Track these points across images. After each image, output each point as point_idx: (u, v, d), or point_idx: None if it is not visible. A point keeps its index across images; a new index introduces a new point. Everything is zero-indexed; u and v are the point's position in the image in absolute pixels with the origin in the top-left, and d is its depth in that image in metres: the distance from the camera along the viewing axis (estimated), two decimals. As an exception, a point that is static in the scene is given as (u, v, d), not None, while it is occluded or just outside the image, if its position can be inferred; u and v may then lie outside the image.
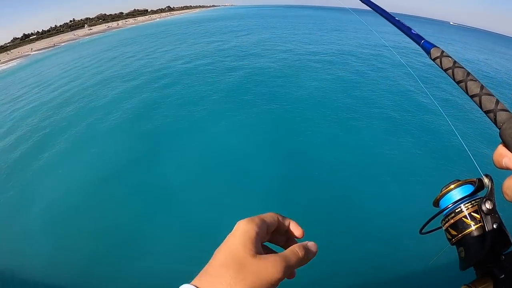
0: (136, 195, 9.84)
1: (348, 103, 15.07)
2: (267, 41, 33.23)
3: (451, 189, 0.67)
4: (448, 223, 0.66)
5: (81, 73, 29.35)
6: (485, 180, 0.61)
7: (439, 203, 0.71)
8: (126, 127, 14.58)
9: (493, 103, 0.49)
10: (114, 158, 11.93)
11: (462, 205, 0.65)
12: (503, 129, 0.45)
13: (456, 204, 0.66)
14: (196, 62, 24.66)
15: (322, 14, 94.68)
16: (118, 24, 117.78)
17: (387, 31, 17.76)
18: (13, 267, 7.99)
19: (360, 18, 1.82)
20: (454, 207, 0.66)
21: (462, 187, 0.67)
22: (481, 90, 0.51)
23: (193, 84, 19.25)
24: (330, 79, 18.87)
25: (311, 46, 29.61)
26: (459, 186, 0.67)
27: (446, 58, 0.60)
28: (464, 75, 0.55)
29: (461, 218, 0.63)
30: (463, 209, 0.64)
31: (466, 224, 0.62)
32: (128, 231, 8.45)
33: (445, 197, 0.69)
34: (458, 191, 0.67)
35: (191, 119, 14.20)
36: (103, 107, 17.77)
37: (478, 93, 0.51)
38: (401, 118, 13.75)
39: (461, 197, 0.65)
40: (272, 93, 16.48)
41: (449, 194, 0.68)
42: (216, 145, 11.97)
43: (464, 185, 0.67)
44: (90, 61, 36.01)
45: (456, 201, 0.66)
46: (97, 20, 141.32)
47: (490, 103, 0.49)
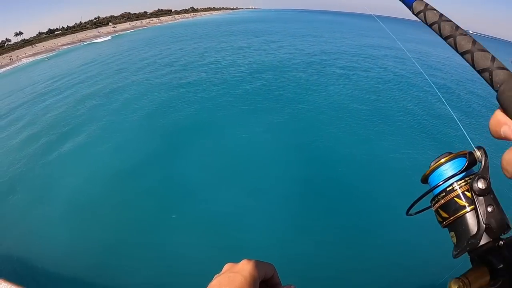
0: (156, 190, 9.99)
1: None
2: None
3: (441, 164, 0.58)
4: (438, 204, 0.57)
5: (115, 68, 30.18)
6: (477, 153, 0.53)
7: (428, 179, 0.61)
8: (151, 122, 14.86)
9: (488, 60, 0.42)
10: (137, 152, 12.26)
11: (455, 183, 0.55)
12: (501, 91, 0.38)
13: (448, 182, 0.56)
14: (230, 68, 24.70)
15: (343, 20, 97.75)
16: (142, 23, 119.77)
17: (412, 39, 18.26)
18: (33, 250, 8.30)
19: (384, 25, 1.50)
20: (445, 185, 0.57)
21: (454, 160, 0.57)
22: (473, 45, 0.44)
23: (223, 86, 19.62)
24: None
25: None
26: (451, 159, 0.58)
27: (431, 12, 0.51)
28: (452, 29, 0.47)
29: (453, 198, 0.55)
30: (456, 187, 0.55)
31: (459, 205, 0.54)
32: (146, 224, 8.60)
33: (434, 173, 0.59)
34: (449, 166, 0.57)
35: (217, 120, 14.53)
36: (130, 102, 18.60)
37: (469, 49, 0.44)
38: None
39: (453, 173, 0.56)
40: (297, 98, 16.45)
41: (439, 169, 0.58)
42: (238, 146, 12.11)
43: (456, 158, 0.57)
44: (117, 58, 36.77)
45: (447, 178, 0.56)
46: (121, 19, 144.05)
47: (485, 60, 0.42)
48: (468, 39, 0.45)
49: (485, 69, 0.41)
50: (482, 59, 0.42)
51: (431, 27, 0.51)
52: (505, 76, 0.39)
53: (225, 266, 0.67)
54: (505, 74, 0.39)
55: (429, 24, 0.51)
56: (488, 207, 0.50)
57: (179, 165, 11.22)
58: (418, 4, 0.54)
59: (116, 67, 30.31)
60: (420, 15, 0.53)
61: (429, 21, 0.51)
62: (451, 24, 0.48)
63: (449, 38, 0.47)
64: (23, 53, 74.26)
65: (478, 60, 0.42)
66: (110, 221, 8.96)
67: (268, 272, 0.67)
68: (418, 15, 0.54)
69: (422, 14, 0.52)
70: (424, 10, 0.53)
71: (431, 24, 0.51)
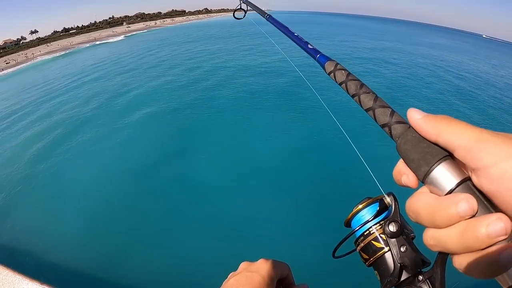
0: (170, 189, 10.05)
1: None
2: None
3: (359, 210, 0.61)
4: (359, 246, 0.61)
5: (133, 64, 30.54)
6: (387, 199, 0.57)
7: (350, 223, 0.64)
8: (165, 121, 14.88)
9: (387, 115, 0.45)
10: (153, 151, 12.26)
11: (372, 227, 0.59)
12: (398, 144, 0.42)
13: (365, 226, 0.60)
14: (245, 71, 23.73)
15: (357, 23, 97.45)
16: (156, 23, 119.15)
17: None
18: (46, 243, 8.37)
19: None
20: (363, 229, 0.60)
21: (371, 206, 0.61)
22: (375, 102, 0.48)
23: (239, 89, 19.10)
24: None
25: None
26: (368, 205, 0.61)
27: (339, 72, 0.58)
28: (357, 88, 0.52)
29: (370, 241, 0.58)
30: (373, 231, 0.58)
31: (376, 247, 0.57)
32: (159, 222, 8.67)
33: (355, 218, 0.63)
34: (367, 211, 0.61)
35: (231, 122, 14.26)
36: (146, 99, 18.60)
37: (371, 106, 0.48)
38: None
39: (369, 218, 0.59)
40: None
41: (358, 214, 0.62)
42: (252, 149, 11.99)
43: (373, 204, 0.61)
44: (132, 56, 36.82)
45: (364, 222, 0.60)
46: (136, 19, 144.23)
47: (385, 116, 0.45)
48: (370, 97, 0.49)
49: (385, 124, 0.45)
50: (382, 115, 0.46)
51: (340, 85, 0.56)
52: (402, 130, 0.42)
53: (242, 265, 0.66)
54: (402, 128, 0.43)
55: (339, 83, 0.56)
56: (401, 247, 0.53)
57: (193, 164, 11.20)
58: (330, 64, 0.61)
59: (129, 66, 30.16)
60: (331, 75, 0.59)
61: (338, 81, 0.57)
62: (356, 83, 0.52)
63: (355, 96, 0.51)
64: (38, 51, 74.03)
65: (379, 116, 0.46)
66: (122, 217, 8.96)
67: (283, 272, 0.67)
68: (330, 74, 0.60)
69: (333, 74, 0.59)
70: (334, 70, 0.59)
71: (340, 83, 0.56)
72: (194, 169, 10.92)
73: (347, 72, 0.56)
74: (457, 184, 0.35)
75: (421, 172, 0.38)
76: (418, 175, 0.38)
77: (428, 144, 0.38)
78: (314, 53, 0.70)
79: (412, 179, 0.40)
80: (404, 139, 0.41)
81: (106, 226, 8.68)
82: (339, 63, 0.60)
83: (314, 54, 0.70)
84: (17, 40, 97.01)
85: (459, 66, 30.92)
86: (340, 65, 0.59)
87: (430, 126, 0.38)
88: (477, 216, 0.32)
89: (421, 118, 0.39)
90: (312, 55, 0.71)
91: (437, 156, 0.37)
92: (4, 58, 70.74)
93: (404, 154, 0.40)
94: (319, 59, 0.67)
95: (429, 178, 0.37)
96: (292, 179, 10.04)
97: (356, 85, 0.52)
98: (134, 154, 12.27)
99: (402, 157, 0.41)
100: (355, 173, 9.08)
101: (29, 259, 7.94)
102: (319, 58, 0.67)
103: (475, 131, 0.34)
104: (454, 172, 0.35)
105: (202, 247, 7.66)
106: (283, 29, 0.98)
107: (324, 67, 0.62)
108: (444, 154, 0.37)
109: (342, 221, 0.62)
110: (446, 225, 0.34)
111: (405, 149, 0.40)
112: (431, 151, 0.37)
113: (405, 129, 0.42)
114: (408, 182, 0.40)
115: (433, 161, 0.37)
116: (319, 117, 13.17)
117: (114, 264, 7.50)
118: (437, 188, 0.36)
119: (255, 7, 1.61)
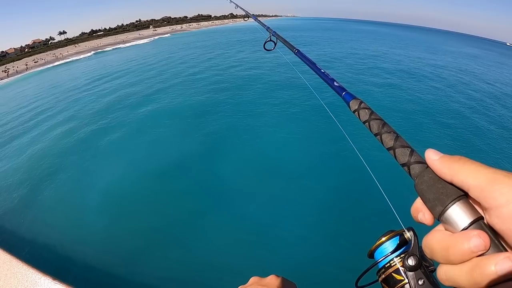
0: (192, 190, 10.11)
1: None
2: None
3: (382, 242, 0.64)
4: (381, 278, 0.63)
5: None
6: (407, 234, 0.59)
7: (374, 255, 0.66)
8: (192, 124, 15.03)
9: (407, 155, 0.48)
10: (177, 152, 12.39)
11: (394, 258, 0.61)
12: (416, 184, 0.44)
13: (387, 258, 0.62)
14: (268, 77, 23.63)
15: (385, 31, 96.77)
16: (181, 27, 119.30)
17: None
18: (69, 238, 8.44)
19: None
20: (385, 261, 0.62)
21: (393, 239, 0.63)
22: (396, 142, 0.51)
23: (262, 93, 19.19)
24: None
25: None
26: (391, 238, 0.63)
27: (363, 110, 0.60)
28: (379, 127, 0.55)
29: (391, 273, 0.60)
30: (395, 263, 0.61)
31: (396, 279, 0.59)
32: (180, 222, 8.70)
33: (378, 250, 0.65)
34: (389, 244, 0.63)
35: (259, 124, 14.42)
36: (170, 103, 18.71)
37: (392, 145, 0.51)
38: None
39: (392, 250, 0.62)
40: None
41: (381, 247, 0.64)
42: (274, 153, 11.98)
43: (394, 237, 0.63)
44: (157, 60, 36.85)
45: (387, 255, 0.62)
46: (162, 22, 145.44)
47: (404, 156, 0.48)
48: (392, 136, 0.52)
49: (405, 163, 0.47)
50: (402, 155, 0.48)
51: (364, 124, 0.58)
52: (420, 170, 0.45)
53: (252, 279, 0.67)
54: (420, 168, 0.45)
55: (363, 122, 0.59)
56: (419, 280, 0.54)
57: (217, 167, 11.22)
58: (354, 103, 0.63)
59: (158, 68, 30.52)
60: (355, 113, 0.62)
61: (362, 119, 0.59)
62: (378, 122, 0.55)
63: (377, 135, 0.54)
64: (66, 51, 74.56)
65: (399, 155, 0.49)
66: (145, 215, 9.08)
67: None
68: (354, 112, 0.62)
69: (357, 113, 0.61)
70: (358, 109, 0.61)
71: (364, 122, 0.59)
72: (217, 172, 10.92)
73: (371, 110, 0.59)
74: (470, 223, 0.36)
75: (436, 211, 0.40)
76: (434, 214, 0.41)
77: (444, 184, 0.40)
78: (340, 90, 0.73)
79: (428, 217, 0.43)
80: (421, 179, 0.43)
81: (126, 224, 8.75)
82: (363, 101, 0.63)
83: (340, 92, 0.72)
84: (46, 40, 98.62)
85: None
86: (364, 103, 0.62)
87: (446, 167, 0.40)
88: (488, 254, 0.33)
89: (438, 159, 0.42)
90: (338, 92, 0.73)
91: (451, 197, 0.39)
92: (32, 57, 71.43)
93: (421, 193, 0.43)
94: (344, 96, 0.69)
95: (443, 217, 0.39)
96: (314, 192, 9.73)
97: (379, 124, 0.55)
98: (159, 154, 12.41)
99: (419, 195, 0.43)
100: (375, 205, 8.37)
101: (46, 253, 7.99)
102: (344, 95, 0.69)
103: (489, 171, 0.36)
104: (467, 211, 0.37)
105: (220, 251, 7.67)
106: (310, 64, 1.00)
107: (349, 105, 0.64)
108: (458, 194, 0.39)
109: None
110: (459, 261, 0.35)
111: (421, 189, 0.43)
112: (446, 192, 0.39)
113: (423, 169, 0.44)
114: (424, 219, 0.43)
115: (447, 202, 0.39)
116: (341, 148, 12.06)
117: (131, 263, 7.52)
118: (451, 226, 0.38)
119: (285, 41, 1.60)
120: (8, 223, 9.48)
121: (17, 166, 13.36)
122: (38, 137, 16.53)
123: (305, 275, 6.82)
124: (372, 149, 10.54)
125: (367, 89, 19.79)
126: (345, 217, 8.81)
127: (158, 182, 10.50)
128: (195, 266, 7.31)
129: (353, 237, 7.73)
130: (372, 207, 8.58)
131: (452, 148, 12.36)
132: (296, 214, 8.85)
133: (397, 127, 0.53)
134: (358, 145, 10.70)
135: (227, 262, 7.30)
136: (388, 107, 16.45)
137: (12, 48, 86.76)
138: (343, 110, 0.74)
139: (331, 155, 11.75)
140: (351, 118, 0.68)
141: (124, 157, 12.56)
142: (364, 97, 1.52)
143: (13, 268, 3.42)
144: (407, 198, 0.66)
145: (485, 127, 14.92)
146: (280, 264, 7.26)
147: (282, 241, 7.97)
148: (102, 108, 19.49)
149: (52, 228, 8.96)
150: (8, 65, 65.89)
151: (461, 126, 14.77)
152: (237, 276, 7.80)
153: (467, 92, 21.30)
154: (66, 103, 22.75)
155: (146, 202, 9.62)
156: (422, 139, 12.99)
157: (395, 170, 2.63)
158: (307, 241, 8.05)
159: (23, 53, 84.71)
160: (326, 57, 31.31)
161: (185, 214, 8.98)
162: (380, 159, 9.99)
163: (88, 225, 8.89)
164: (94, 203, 9.79)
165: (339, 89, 0.73)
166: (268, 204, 9.24)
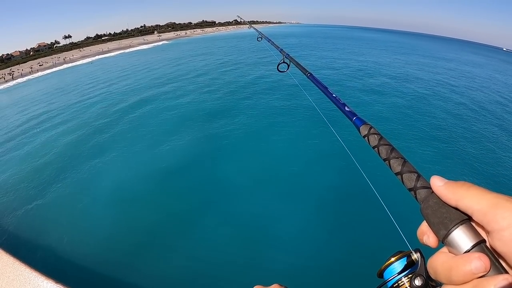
0: (196, 190, 10.16)
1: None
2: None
3: (392, 262, 0.68)
4: None
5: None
6: (415, 256, 0.62)
7: (383, 275, 0.71)
8: (197, 126, 15.23)
9: (413, 180, 0.49)
10: (181, 153, 12.52)
11: (403, 278, 0.65)
12: (422, 208, 0.46)
13: (396, 277, 0.66)
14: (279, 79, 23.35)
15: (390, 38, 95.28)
16: (186, 33, 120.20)
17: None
18: (72, 241, 8.41)
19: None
20: (393, 281, 0.67)
21: (401, 260, 0.67)
22: (403, 167, 0.52)
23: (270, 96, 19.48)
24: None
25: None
26: (400, 259, 0.68)
27: (372, 136, 0.62)
28: (387, 152, 0.56)
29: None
30: (403, 282, 0.65)
31: None
32: (183, 221, 8.78)
33: (387, 270, 0.69)
34: (398, 264, 0.67)
35: (260, 129, 14.55)
36: (177, 105, 19.06)
37: (399, 171, 0.52)
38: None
39: (400, 270, 0.66)
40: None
41: (391, 266, 0.68)
42: (277, 155, 12.07)
43: (403, 258, 0.67)
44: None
45: (395, 275, 0.66)
46: (166, 28, 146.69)
47: (411, 181, 0.50)
48: (399, 162, 0.53)
49: (411, 188, 0.49)
50: (409, 180, 0.50)
51: (373, 149, 0.60)
52: (425, 195, 0.46)
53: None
54: (425, 193, 0.47)
55: (372, 147, 0.61)
56: None
57: (222, 167, 11.32)
58: (364, 128, 0.65)
59: (161, 73, 30.96)
60: (365, 138, 0.64)
61: (372, 145, 0.61)
62: (386, 148, 0.57)
63: (386, 160, 0.56)
64: (71, 55, 75.21)
65: (406, 181, 0.50)
66: (149, 214, 9.16)
67: None
68: (364, 137, 0.64)
69: (367, 138, 0.63)
70: (368, 134, 0.63)
71: (373, 147, 0.60)
72: (222, 172, 10.97)
73: (380, 136, 0.61)
74: (472, 246, 0.38)
75: (440, 235, 0.42)
76: (438, 237, 0.42)
77: (447, 209, 0.42)
78: (351, 115, 0.74)
79: (432, 240, 0.44)
80: (426, 204, 0.45)
81: (130, 227, 8.75)
82: (373, 126, 0.64)
83: (350, 117, 0.74)
84: (51, 44, 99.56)
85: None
86: (374, 128, 0.64)
87: (450, 193, 0.42)
88: (489, 275, 0.35)
89: (442, 185, 0.43)
90: (349, 117, 0.75)
91: (454, 221, 0.40)
92: (37, 60, 72.10)
93: (426, 217, 0.44)
94: (355, 121, 0.71)
95: (447, 240, 0.40)
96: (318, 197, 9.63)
97: (387, 149, 0.57)
98: (166, 155, 12.54)
99: (425, 219, 0.45)
100: (382, 227, 8.09)
101: (47, 255, 7.99)
102: (355, 120, 0.71)
103: (491, 196, 0.38)
104: (469, 235, 0.39)
105: (220, 251, 7.67)
106: (322, 88, 1.02)
107: (359, 130, 0.66)
108: (461, 218, 0.40)
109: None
110: (461, 282, 0.36)
111: (427, 213, 0.44)
112: (449, 216, 0.41)
113: (428, 194, 0.46)
114: (429, 242, 0.45)
115: (450, 226, 0.40)
116: (349, 172, 11.29)
117: (135, 266, 7.49)
118: (454, 249, 0.39)
119: (298, 65, 1.63)
120: (12, 226, 9.46)
121: (22, 168, 13.31)
122: (41, 140, 16.65)
123: (309, 285, 6.74)
124: (380, 173, 10.46)
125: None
126: (353, 238, 8.68)
127: (157, 186, 10.51)
128: (195, 266, 7.31)
129: (362, 258, 7.59)
130: (378, 226, 8.43)
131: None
132: (303, 233, 8.64)
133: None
134: (366, 169, 10.22)
135: (228, 260, 7.33)
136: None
137: (17, 51, 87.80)
138: (350, 130, 0.77)
139: (340, 185, 11.08)
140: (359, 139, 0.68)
141: (127, 160, 12.59)
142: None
143: (16, 271, 3.41)
144: (413, 220, 0.69)
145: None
146: (284, 271, 7.13)
147: (292, 253, 7.81)
148: (105, 111, 19.64)
149: (56, 231, 8.90)
150: (13, 67, 66.60)
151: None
152: (237, 276, 7.11)
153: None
154: (68, 106, 23.18)
155: (148, 205, 9.60)
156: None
157: (402, 192, 2.65)
158: (316, 253, 7.91)
159: (28, 56, 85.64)
160: (326, 61, 31.53)
161: (186, 216, 8.98)
162: (387, 181, 10.17)
163: (91, 228, 8.86)
164: (97, 206, 9.77)
165: (350, 114, 0.75)
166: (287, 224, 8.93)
